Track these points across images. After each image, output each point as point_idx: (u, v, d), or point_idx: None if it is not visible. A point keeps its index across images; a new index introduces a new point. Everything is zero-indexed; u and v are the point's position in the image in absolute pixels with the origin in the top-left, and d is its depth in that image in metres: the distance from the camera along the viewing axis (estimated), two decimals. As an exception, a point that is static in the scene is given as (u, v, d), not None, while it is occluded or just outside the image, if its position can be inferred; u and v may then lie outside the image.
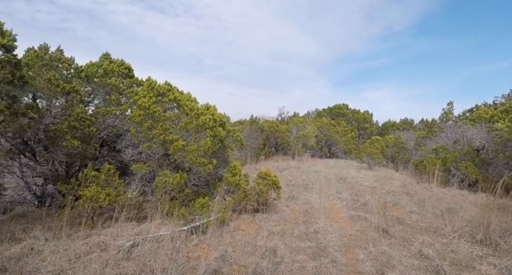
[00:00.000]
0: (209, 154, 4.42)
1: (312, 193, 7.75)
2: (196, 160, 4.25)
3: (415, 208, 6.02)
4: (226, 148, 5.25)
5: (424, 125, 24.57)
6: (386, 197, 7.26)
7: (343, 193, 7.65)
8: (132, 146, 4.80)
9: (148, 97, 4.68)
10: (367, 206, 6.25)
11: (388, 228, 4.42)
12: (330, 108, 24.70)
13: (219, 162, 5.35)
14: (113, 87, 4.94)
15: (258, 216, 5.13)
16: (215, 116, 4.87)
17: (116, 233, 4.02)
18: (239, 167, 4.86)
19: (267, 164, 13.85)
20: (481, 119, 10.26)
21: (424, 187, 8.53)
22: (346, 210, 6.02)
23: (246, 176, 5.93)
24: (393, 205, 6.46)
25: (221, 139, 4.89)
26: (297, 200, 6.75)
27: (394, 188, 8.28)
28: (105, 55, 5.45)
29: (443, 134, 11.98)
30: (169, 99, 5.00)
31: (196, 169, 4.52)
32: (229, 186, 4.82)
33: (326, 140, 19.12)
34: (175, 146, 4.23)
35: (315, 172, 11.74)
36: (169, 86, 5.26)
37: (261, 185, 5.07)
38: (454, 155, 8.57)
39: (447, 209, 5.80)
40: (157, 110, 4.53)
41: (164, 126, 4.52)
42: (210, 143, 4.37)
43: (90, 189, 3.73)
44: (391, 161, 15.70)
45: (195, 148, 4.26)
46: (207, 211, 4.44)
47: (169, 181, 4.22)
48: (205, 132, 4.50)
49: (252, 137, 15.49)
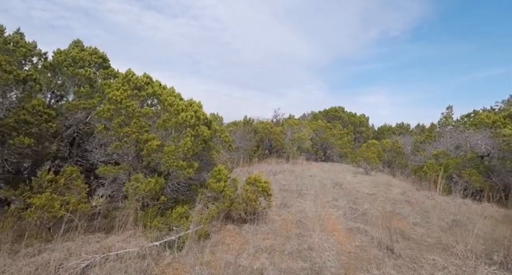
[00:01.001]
0: (189, 155, 3.83)
1: (306, 199, 7.20)
2: (173, 162, 3.65)
3: (418, 219, 5.50)
4: (212, 149, 4.67)
5: (420, 129, 24.33)
6: (386, 205, 6.74)
7: (339, 201, 7.11)
8: (103, 146, 4.19)
9: (122, 90, 4.08)
10: (366, 216, 5.72)
11: (393, 245, 3.87)
12: (326, 111, 24.27)
13: (203, 165, 4.76)
14: (83, 79, 4.32)
15: (246, 227, 4.55)
16: (198, 113, 4.28)
17: (74, 248, 3.39)
18: (224, 172, 4.28)
19: (260, 167, 13.25)
20: (483, 124, 9.87)
21: (425, 195, 8.05)
22: (344, 220, 5.47)
23: (234, 181, 5.34)
24: (394, 215, 5.93)
25: (205, 139, 4.30)
26: (290, 208, 6.18)
27: (393, 196, 7.78)
28: (76, 42, 4.82)
29: (442, 139, 11.57)
30: (147, 93, 4.39)
31: (175, 173, 3.92)
32: (214, 192, 4.23)
33: (321, 143, 18.63)
34: (149, 146, 3.63)
35: (310, 176, 11.21)
36: (148, 79, 4.66)
37: (249, 193, 4.49)
38: (457, 162, 8.11)
39: (453, 221, 5.30)
40: (131, 105, 3.93)
41: (139, 124, 3.92)
42: (190, 143, 3.78)
43: (42, 196, 3.10)
44: (387, 166, 15.27)
45: (172, 148, 3.66)
46: (185, 221, 3.84)
47: (142, 187, 3.61)
48: (186, 131, 3.91)
49: (245, 138, 14.91)
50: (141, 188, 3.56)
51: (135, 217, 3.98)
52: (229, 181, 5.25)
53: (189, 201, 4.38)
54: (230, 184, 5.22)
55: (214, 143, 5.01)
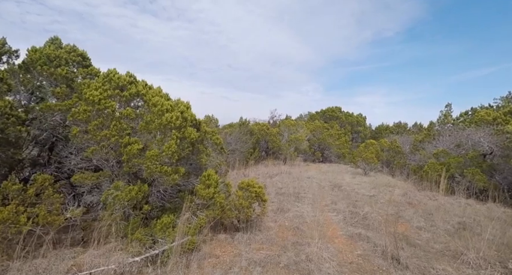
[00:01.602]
0: (175, 160, 3.49)
1: (304, 203, 6.87)
2: (156, 168, 3.31)
3: (422, 223, 5.21)
4: (201, 152, 4.33)
5: (418, 128, 24.19)
6: (387, 208, 6.44)
7: (338, 204, 6.80)
8: (81, 151, 3.84)
9: (101, 90, 3.74)
10: (367, 220, 5.41)
11: (398, 253, 3.55)
12: (322, 111, 24.03)
13: (191, 170, 4.42)
14: (59, 78, 3.98)
15: (238, 236, 4.21)
16: (186, 114, 3.95)
17: (44, 266, 3.04)
18: (214, 177, 3.94)
19: (257, 169, 12.91)
20: (483, 122, 9.64)
21: (427, 196, 7.77)
22: (344, 225, 5.15)
23: (227, 186, 5.01)
24: (396, 218, 5.62)
25: (193, 142, 3.97)
26: (287, 212, 5.86)
27: (394, 197, 7.48)
28: (52, 39, 4.47)
29: (442, 138, 11.33)
30: (130, 93, 4.06)
31: (159, 179, 3.58)
32: (203, 200, 3.89)
33: (319, 143, 18.35)
34: (129, 151, 3.29)
35: (308, 178, 10.90)
36: (131, 78, 4.33)
37: (242, 199, 4.16)
38: (458, 161, 7.85)
39: (460, 224, 5.01)
40: (111, 106, 3.59)
41: (119, 126, 3.58)
42: (175, 147, 3.45)
43: (5, 209, 2.75)
44: (386, 165, 15.01)
45: (155, 153, 3.33)
46: (171, 233, 3.50)
47: (122, 196, 3.26)
48: (171, 134, 3.58)
49: (241, 140, 14.57)
50: (120, 197, 3.21)
51: (117, 229, 3.64)
52: (221, 186, 4.92)
53: (177, 209, 4.03)
54: (222, 190, 4.89)
55: (204, 146, 4.68)
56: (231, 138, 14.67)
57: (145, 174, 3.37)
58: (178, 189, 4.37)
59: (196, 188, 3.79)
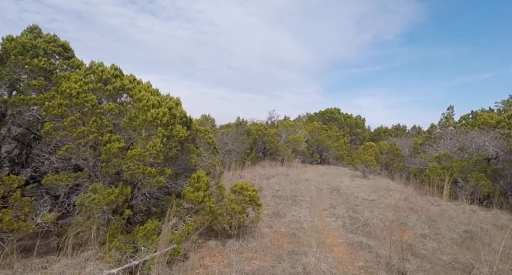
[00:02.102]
0: (160, 160, 3.16)
1: (301, 207, 6.57)
2: (138, 169, 2.98)
3: (426, 230, 4.91)
4: (192, 152, 4.01)
5: (416, 131, 24.00)
6: (388, 213, 6.15)
7: (337, 208, 6.49)
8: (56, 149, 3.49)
9: (81, 83, 3.40)
10: (368, 226, 5.10)
11: (404, 266, 3.25)
12: (321, 113, 23.76)
13: (180, 171, 4.10)
14: (36, 69, 3.64)
15: (230, 244, 3.89)
16: (174, 110, 3.63)
17: (9, 278, 2.70)
18: (205, 179, 3.62)
19: (254, 170, 12.60)
20: (486, 125, 9.40)
21: (429, 201, 7.49)
22: (344, 232, 4.85)
23: (220, 188, 4.69)
24: (398, 225, 5.33)
25: (181, 141, 3.64)
26: (284, 217, 5.54)
27: (395, 202, 7.19)
28: (31, 28, 4.13)
29: (442, 141, 11.09)
30: (114, 87, 3.73)
31: (143, 181, 3.25)
32: (192, 204, 3.56)
33: (317, 145, 18.06)
34: (107, 149, 2.96)
35: (305, 180, 10.60)
36: (117, 71, 4.00)
37: (234, 204, 3.83)
38: (461, 165, 7.58)
39: (466, 233, 4.72)
40: (91, 100, 3.25)
41: (100, 123, 3.25)
42: (160, 145, 3.12)
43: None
44: (385, 168, 14.75)
45: (137, 152, 3.00)
46: (155, 240, 3.17)
47: (99, 199, 2.93)
48: (157, 131, 3.25)
49: (237, 140, 14.25)
50: (98, 201, 2.88)
51: (97, 235, 3.30)
52: (213, 188, 4.60)
53: (164, 214, 3.70)
54: (214, 192, 4.57)
55: (195, 146, 4.35)
56: (227, 138, 14.33)
57: (126, 175, 3.04)
58: (167, 191, 4.04)
59: (184, 192, 3.46)
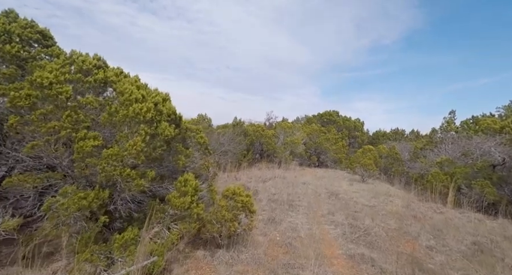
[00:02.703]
0: (140, 161, 2.81)
1: (298, 212, 6.22)
2: (114, 171, 2.63)
3: (432, 241, 4.58)
4: (180, 153, 3.65)
5: (415, 136, 23.79)
6: (390, 221, 5.82)
7: (336, 214, 6.16)
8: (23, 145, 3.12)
9: (57, 73, 3.05)
10: (369, 236, 4.77)
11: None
12: (320, 115, 23.48)
13: (167, 173, 3.74)
14: (8, 57, 3.28)
15: (220, 254, 3.53)
16: (161, 106, 3.28)
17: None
18: (193, 183, 3.26)
19: (250, 172, 12.24)
20: (490, 130, 9.13)
21: (431, 208, 7.18)
22: (343, 242, 4.50)
23: (212, 192, 4.34)
24: (401, 234, 5.00)
25: (167, 140, 3.29)
26: (279, 224, 5.19)
27: (396, 208, 6.87)
28: (6, 12, 3.75)
29: (443, 146, 10.82)
30: (95, 79, 3.37)
31: (122, 184, 2.89)
32: (178, 210, 3.20)
33: (315, 147, 17.75)
34: (80, 148, 2.60)
35: (303, 183, 10.26)
36: (100, 62, 3.65)
37: (225, 211, 3.48)
38: (465, 171, 7.28)
39: (475, 245, 4.39)
40: (65, 91, 2.89)
41: (75, 117, 2.88)
42: (141, 145, 2.76)
43: None
44: (384, 172, 14.45)
45: (114, 151, 2.64)
46: (133, 251, 2.80)
47: (68, 204, 2.56)
48: (139, 129, 2.90)
49: (234, 141, 13.89)
50: (66, 206, 2.51)
51: (68, 244, 2.93)
52: (205, 192, 4.25)
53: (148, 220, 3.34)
54: (205, 197, 4.22)
55: (185, 146, 4.00)
56: (224, 139, 13.97)
57: (100, 178, 2.67)
58: (151, 195, 3.68)
59: (168, 197, 3.10)
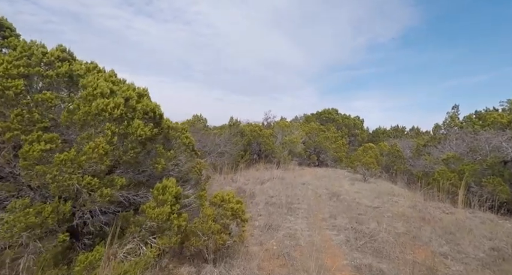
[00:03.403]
0: (103, 167, 2.36)
1: (297, 217, 5.78)
2: (69, 179, 2.17)
3: (446, 247, 4.14)
4: (160, 156, 3.19)
5: (415, 133, 23.39)
6: (396, 224, 5.38)
7: (338, 218, 5.71)
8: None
9: (8, 65, 2.59)
10: (376, 242, 4.32)
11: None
12: (318, 113, 23.06)
13: (145, 179, 3.28)
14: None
15: (207, 271, 3.07)
16: (133, 102, 2.82)
17: None
18: (172, 190, 2.80)
19: (247, 173, 11.79)
20: (497, 124, 8.72)
21: (439, 208, 6.74)
22: (348, 250, 4.06)
23: (201, 198, 3.88)
24: (411, 239, 4.56)
25: (142, 141, 2.83)
26: (277, 230, 4.75)
27: (402, 210, 6.43)
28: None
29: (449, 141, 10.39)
30: (58, 73, 2.92)
31: (83, 196, 2.43)
32: (155, 222, 2.74)
33: (315, 146, 17.32)
34: (25, 153, 2.14)
35: (302, 184, 9.83)
36: (64, 54, 3.19)
37: (211, 221, 3.02)
38: (474, 168, 6.85)
39: (494, 251, 3.95)
40: (14, 86, 2.44)
41: (27, 117, 2.43)
42: (105, 147, 2.31)
43: None
44: (385, 171, 14.02)
45: (68, 156, 2.19)
46: None
47: (14, 222, 2.10)
48: (104, 128, 2.45)
49: (231, 141, 13.45)
50: (7, 227, 2.05)
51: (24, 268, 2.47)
52: (192, 198, 3.80)
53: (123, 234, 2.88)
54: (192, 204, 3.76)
55: (166, 147, 3.55)
56: (220, 139, 13.52)
57: (52, 189, 2.21)
58: (130, 205, 3.22)
59: (142, 207, 2.64)
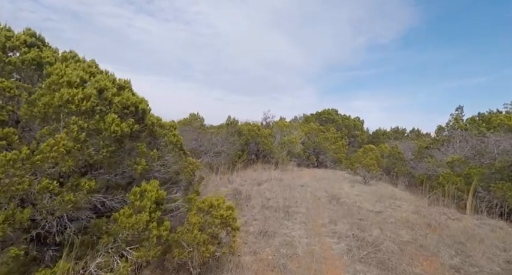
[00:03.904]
0: (65, 168, 2.00)
1: (295, 222, 5.42)
2: (19, 184, 1.81)
3: (456, 259, 3.79)
4: (141, 155, 2.83)
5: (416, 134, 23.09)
6: (401, 231, 5.04)
7: (339, 224, 5.36)
8: None
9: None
10: (380, 252, 3.97)
11: None
12: (318, 114, 22.71)
13: (124, 181, 2.92)
14: None
15: (192, 287, 2.72)
16: (109, 94, 2.46)
17: None
18: (152, 195, 2.45)
19: (244, 174, 11.44)
20: (503, 127, 8.39)
21: (444, 214, 6.40)
22: (349, 261, 3.70)
23: (190, 201, 3.53)
24: (417, 248, 4.21)
25: (118, 138, 2.47)
26: (272, 237, 4.39)
27: (406, 215, 6.09)
28: None
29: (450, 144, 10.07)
30: (23, 59, 2.55)
31: (42, 202, 2.07)
32: (131, 231, 2.38)
33: (314, 147, 16.97)
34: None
35: (301, 186, 9.48)
36: (32, 39, 2.84)
37: (197, 230, 2.66)
38: (482, 172, 6.51)
39: (509, 263, 3.61)
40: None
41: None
42: (67, 144, 1.95)
43: None
44: (386, 173, 13.69)
45: (20, 155, 1.82)
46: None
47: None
48: (69, 122, 2.08)
49: (228, 141, 13.08)
50: None
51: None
52: (180, 202, 3.44)
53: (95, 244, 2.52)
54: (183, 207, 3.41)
55: (153, 145, 3.19)
56: (217, 139, 13.15)
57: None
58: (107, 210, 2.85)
59: (115, 215, 2.28)
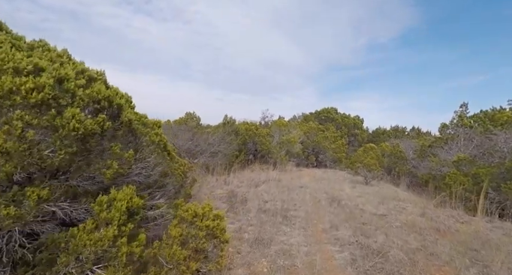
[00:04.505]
0: (3, 174, 1.62)
1: (294, 227, 5.04)
2: None
3: (473, 270, 3.41)
4: (112, 157, 2.43)
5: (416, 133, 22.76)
6: (408, 236, 4.67)
7: (341, 229, 4.98)
8: None
9: None
10: (387, 262, 3.59)
11: None
12: (317, 112, 22.36)
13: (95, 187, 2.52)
14: None
15: (173, 310, 2.33)
16: (72, 85, 2.06)
17: None
18: (122, 204, 2.06)
19: (242, 175, 11.04)
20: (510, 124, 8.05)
21: (452, 216, 6.03)
22: (354, 273, 3.32)
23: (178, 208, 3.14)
24: (427, 257, 3.84)
25: (84, 139, 2.08)
26: (269, 246, 4.01)
27: (412, 218, 5.71)
28: None
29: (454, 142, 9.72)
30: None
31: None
32: (94, 250, 1.99)
33: (313, 147, 16.60)
34: None
35: (300, 187, 9.10)
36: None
37: (177, 245, 2.26)
38: (491, 171, 6.15)
39: (532, 275, 3.25)
40: None
41: None
42: (3, 144, 1.56)
43: None
44: (387, 173, 13.33)
45: None
46: None
47: None
48: (12, 117, 1.70)
49: (225, 141, 12.69)
50: None
51: None
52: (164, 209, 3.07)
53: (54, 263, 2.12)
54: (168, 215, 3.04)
55: (131, 146, 2.80)
56: (213, 138, 12.76)
57: None
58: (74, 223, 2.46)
59: (72, 231, 1.89)
